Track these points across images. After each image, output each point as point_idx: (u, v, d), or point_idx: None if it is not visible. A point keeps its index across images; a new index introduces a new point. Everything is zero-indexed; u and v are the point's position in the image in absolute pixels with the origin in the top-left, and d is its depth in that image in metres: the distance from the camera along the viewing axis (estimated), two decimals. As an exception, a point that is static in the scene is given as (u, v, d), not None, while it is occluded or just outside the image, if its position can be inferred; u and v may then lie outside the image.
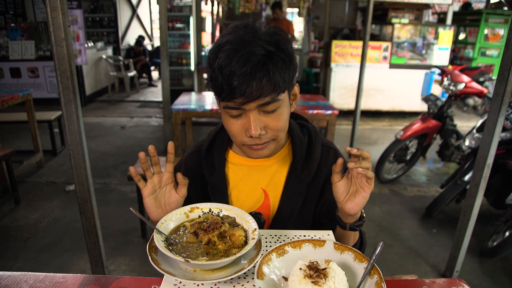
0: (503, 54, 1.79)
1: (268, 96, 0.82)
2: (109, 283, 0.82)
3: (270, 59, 0.80)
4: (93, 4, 8.56)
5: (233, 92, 0.79)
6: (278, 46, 0.82)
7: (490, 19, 7.32)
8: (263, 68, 0.79)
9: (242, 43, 0.79)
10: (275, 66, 0.80)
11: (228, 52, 0.79)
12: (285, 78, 0.83)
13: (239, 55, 0.78)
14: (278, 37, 0.84)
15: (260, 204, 1.05)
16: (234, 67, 0.78)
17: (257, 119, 0.85)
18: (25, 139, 4.63)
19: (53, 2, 1.48)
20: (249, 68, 0.77)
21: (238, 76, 0.78)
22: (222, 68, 0.79)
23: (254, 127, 0.85)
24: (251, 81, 0.78)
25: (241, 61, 0.77)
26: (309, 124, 1.09)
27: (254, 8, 7.05)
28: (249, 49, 0.78)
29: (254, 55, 0.78)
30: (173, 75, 6.79)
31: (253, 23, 0.86)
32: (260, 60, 0.78)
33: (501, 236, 2.54)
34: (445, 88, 3.60)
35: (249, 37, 0.80)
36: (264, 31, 0.84)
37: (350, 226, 0.92)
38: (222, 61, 0.79)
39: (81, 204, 1.83)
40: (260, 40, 0.81)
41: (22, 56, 6.02)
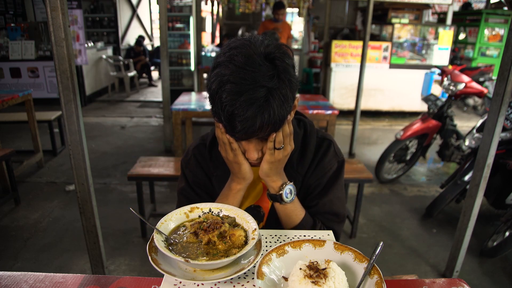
0: (503, 54, 1.79)
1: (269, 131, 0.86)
2: (109, 283, 0.82)
3: (272, 98, 0.80)
4: (93, 4, 8.55)
5: (234, 130, 0.83)
6: (279, 77, 0.81)
7: (490, 19, 7.32)
8: (266, 110, 0.80)
9: (243, 84, 0.78)
10: (276, 104, 0.81)
11: (230, 94, 0.79)
12: (286, 111, 0.85)
13: (241, 99, 0.78)
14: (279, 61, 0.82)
15: (259, 197, 1.10)
16: (237, 110, 0.79)
17: (257, 145, 0.92)
18: (25, 139, 4.63)
19: (53, 2, 1.48)
20: (251, 113, 0.79)
21: (241, 121, 0.80)
22: (224, 108, 0.80)
23: (253, 153, 0.91)
24: (253, 124, 0.80)
25: (243, 106, 0.78)
26: (306, 119, 1.12)
27: (254, 8, 7.05)
28: (251, 94, 0.78)
29: (256, 100, 0.78)
30: (173, 75, 6.79)
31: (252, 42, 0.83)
32: (262, 104, 0.79)
33: (501, 236, 2.54)
34: (445, 88, 3.60)
35: (250, 74, 0.79)
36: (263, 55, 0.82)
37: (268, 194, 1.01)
38: (224, 102, 0.80)
39: (81, 204, 1.83)
40: (260, 76, 0.79)
41: (22, 56, 6.02)
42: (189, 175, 1.10)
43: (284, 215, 1.01)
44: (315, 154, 1.06)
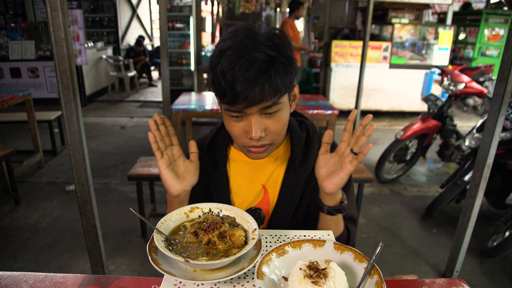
0: (503, 54, 1.79)
1: (269, 100, 0.83)
2: (109, 283, 0.82)
3: (271, 64, 0.81)
4: (93, 4, 8.55)
5: (236, 97, 0.81)
6: (278, 50, 0.83)
7: (490, 19, 7.31)
8: (265, 73, 0.80)
9: (243, 49, 0.80)
10: (276, 71, 0.81)
11: (230, 58, 0.80)
12: (286, 82, 0.84)
13: (241, 61, 0.79)
14: (278, 40, 0.85)
15: (259, 199, 1.07)
16: (237, 73, 0.79)
17: (258, 122, 0.87)
18: (25, 139, 4.63)
19: (53, 2, 1.48)
20: (251, 74, 0.78)
21: (241, 82, 0.79)
22: (224, 73, 0.80)
23: (255, 130, 0.86)
24: (253, 86, 0.79)
25: (243, 67, 0.78)
26: (308, 120, 1.11)
27: (254, 8, 7.04)
28: (251, 55, 0.79)
29: (256, 61, 0.79)
30: (173, 75, 6.79)
31: (253, 25, 0.86)
32: (262, 66, 0.80)
33: (501, 236, 2.54)
34: (445, 88, 3.60)
35: (250, 42, 0.81)
36: (264, 34, 0.84)
37: (328, 209, 0.92)
38: (224, 67, 0.80)
39: (81, 204, 1.83)
40: (261, 45, 0.81)
41: (22, 56, 6.02)
42: None
43: (335, 225, 0.97)
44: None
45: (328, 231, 0.98)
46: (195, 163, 0.94)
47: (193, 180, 0.93)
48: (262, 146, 0.91)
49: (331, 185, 0.87)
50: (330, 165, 0.89)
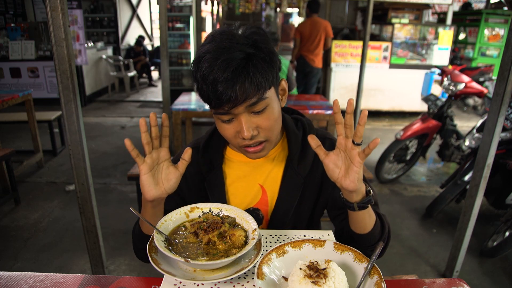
0: (503, 54, 1.79)
1: (253, 97, 0.83)
2: (109, 283, 0.82)
3: (249, 61, 0.81)
4: (93, 4, 8.55)
5: (219, 99, 0.81)
6: (257, 46, 0.83)
7: (490, 19, 7.31)
8: (244, 71, 0.80)
9: (220, 51, 0.81)
10: (255, 67, 0.82)
11: (208, 62, 0.81)
12: (267, 77, 0.84)
13: (219, 62, 0.80)
14: (257, 37, 0.85)
15: (257, 200, 1.06)
16: (216, 74, 0.79)
17: (248, 121, 0.87)
18: (25, 139, 4.63)
19: (53, 2, 1.48)
20: (229, 73, 0.79)
21: (221, 82, 0.80)
22: (205, 77, 0.81)
23: (246, 129, 0.86)
24: (234, 85, 0.80)
25: (221, 68, 0.79)
26: (304, 118, 1.10)
27: (254, 8, 7.05)
28: (228, 55, 0.80)
29: (233, 60, 0.80)
30: (173, 75, 6.79)
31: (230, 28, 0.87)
32: (239, 64, 0.80)
33: (501, 236, 2.54)
34: (445, 88, 3.60)
35: (227, 44, 0.82)
36: (242, 34, 0.85)
37: (358, 205, 0.86)
38: (204, 71, 0.81)
39: (81, 204, 1.83)
40: (238, 44, 0.82)
41: (22, 56, 6.02)
42: None
43: (369, 216, 0.91)
44: (317, 156, 1.04)
45: (328, 231, 0.98)
46: (179, 172, 0.88)
47: (171, 189, 0.87)
48: (258, 145, 0.91)
49: (351, 183, 0.82)
50: (340, 164, 0.84)
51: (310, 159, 1.03)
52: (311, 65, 5.44)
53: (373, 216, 0.93)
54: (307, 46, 5.39)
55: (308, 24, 5.39)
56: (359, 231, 0.93)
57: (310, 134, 0.86)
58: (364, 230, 0.92)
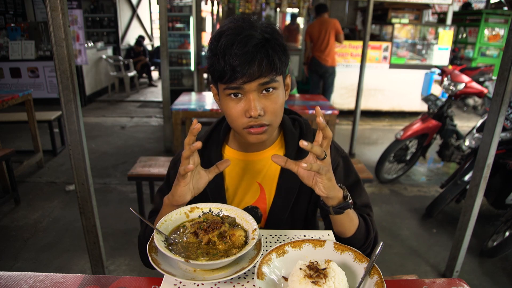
0: (503, 54, 1.79)
1: (267, 76, 0.86)
2: (109, 283, 0.82)
3: (268, 43, 0.86)
4: (93, 4, 8.55)
5: (235, 72, 0.84)
6: (273, 35, 0.88)
7: (490, 19, 7.32)
8: (263, 49, 0.84)
9: (241, 29, 0.85)
10: (273, 49, 0.86)
11: (229, 37, 0.84)
12: (282, 62, 0.88)
13: (239, 38, 0.83)
14: (273, 29, 0.90)
15: (256, 198, 1.07)
16: (236, 48, 0.83)
17: (257, 100, 0.89)
18: (25, 139, 4.63)
19: (53, 2, 1.48)
20: (250, 48, 0.83)
21: (240, 56, 0.82)
22: (224, 50, 0.84)
23: (254, 107, 0.87)
24: (252, 61, 0.83)
25: (242, 43, 0.83)
26: (301, 118, 1.11)
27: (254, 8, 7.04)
28: (249, 33, 0.84)
29: (254, 38, 0.84)
30: (173, 75, 6.78)
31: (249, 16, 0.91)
32: (259, 42, 0.84)
33: (501, 236, 2.54)
34: (445, 88, 3.60)
35: (247, 25, 0.86)
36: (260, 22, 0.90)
37: (334, 209, 0.89)
38: (224, 43, 0.84)
39: (81, 204, 1.83)
40: (257, 28, 0.87)
41: (22, 56, 6.02)
42: (172, 176, 1.08)
43: (349, 220, 0.94)
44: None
45: (328, 231, 0.98)
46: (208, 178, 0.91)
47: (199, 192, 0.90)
48: (261, 126, 0.91)
49: (319, 191, 0.85)
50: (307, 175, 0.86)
51: None
52: (325, 65, 5.48)
53: (354, 221, 0.95)
54: (318, 46, 5.44)
55: (316, 25, 5.43)
56: (341, 235, 0.96)
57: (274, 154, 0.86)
58: (345, 234, 0.96)
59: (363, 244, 0.99)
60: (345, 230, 0.95)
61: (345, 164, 1.07)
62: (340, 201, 0.89)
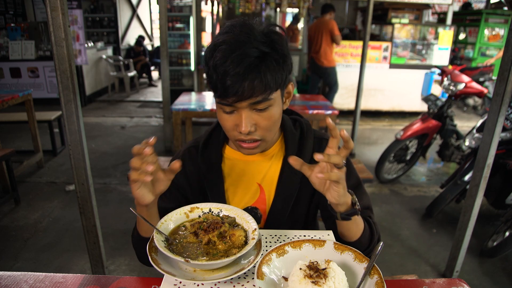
0: (503, 54, 1.79)
1: (259, 95, 0.84)
2: (109, 283, 0.82)
3: (263, 61, 0.82)
4: (93, 4, 8.55)
5: (226, 91, 0.82)
6: (273, 47, 0.84)
7: (490, 19, 7.32)
8: (255, 69, 0.81)
9: (237, 44, 0.81)
10: (267, 67, 0.82)
11: (223, 52, 0.81)
12: (277, 79, 0.85)
13: (233, 56, 0.80)
14: (275, 36, 0.86)
15: (256, 199, 1.06)
16: (228, 67, 0.80)
17: (249, 117, 0.88)
18: (25, 139, 4.63)
19: (53, 2, 1.48)
20: (242, 69, 0.80)
21: (231, 76, 0.80)
22: (216, 67, 0.82)
23: (245, 124, 0.87)
24: (243, 81, 0.80)
25: (235, 62, 0.80)
26: (302, 118, 1.11)
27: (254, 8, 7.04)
28: (243, 51, 0.80)
29: (247, 57, 0.80)
30: (173, 75, 6.78)
31: (251, 21, 0.87)
32: (253, 62, 0.81)
33: (501, 236, 2.54)
34: (445, 88, 3.60)
35: (245, 37, 0.82)
36: (261, 30, 0.86)
37: (341, 215, 0.87)
38: (217, 61, 0.82)
39: (81, 204, 1.83)
40: (255, 41, 0.82)
41: (22, 56, 6.02)
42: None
43: (355, 226, 0.92)
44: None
45: (328, 231, 0.98)
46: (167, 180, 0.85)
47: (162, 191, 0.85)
48: (253, 142, 0.92)
49: (331, 198, 0.83)
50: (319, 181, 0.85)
51: (307, 159, 1.03)
52: (321, 66, 5.50)
53: (360, 226, 0.94)
54: (313, 47, 5.48)
55: (314, 26, 5.46)
56: (346, 239, 0.95)
57: (291, 156, 0.84)
58: (350, 238, 0.95)
59: (367, 248, 0.98)
60: (350, 235, 0.94)
61: (346, 165, 1.06)
62: (349, 207, 0.88)
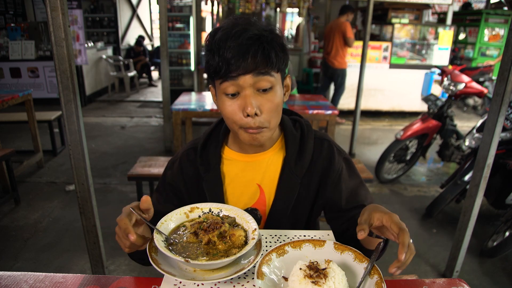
0: (503, 54, 1.79)
1: (262, 68, 0.85)
2: (109, 283, 0.82)
3: (264, 38, 0.85)
4: (93, 4, 8.55)
5: (229, 65, 0.83)
6: (271, 33, 0.87)
7: (490, 19, 7.32)
8: (257, 41, 0.83)
9: (237, 25, 0.85)
10: (269, 44, 0.85)
11: (224, 31, 0.85)
12: (279, 57, 0.87)
13: (233, 31, 0.83)
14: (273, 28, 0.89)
15: (255, 200, 1.06)
16: (230, 42, 0.83)
17: (253, 97, 0.88)
18: (25, 139, 4.63)
19: (53, 2, 1.48)
20: (244, 40, 0.82)
21: (233, 48, 0.82)
22: (218, 44, 0.84)
23: (250, 104, 0.87)
24: (246, 53, 0.82)
25: (236, 36, 0.83)
26: (302, 119, 1.11)
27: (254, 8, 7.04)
28: (244, 27, 0.84)
29: (248, 31, 0.84)
30: (173, 75, 6.78)
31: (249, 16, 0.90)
32: (253, 36, 0.83)
33: (501, 236, 2.54)
34: (445, 88, 3.60)
35: (245, 22, 0.86)
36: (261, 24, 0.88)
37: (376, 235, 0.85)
38: (218, 38, 0.84)
39: (81, 204, 1.83)
40: (254, 25, 0.86)
41: (22, 56, 6.02)
42: (169, 177, 1.09)
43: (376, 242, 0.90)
44: (315, 156, 1.04)
45: (328, 231, 0.98)
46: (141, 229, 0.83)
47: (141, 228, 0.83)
48: (257, 128, 0.90)
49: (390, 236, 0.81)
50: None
51: (307, 160, 1.03)
52: (332, 67, 5.55)
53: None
54: (326, 48, 5.55)
55: (329, 26, 5.51)
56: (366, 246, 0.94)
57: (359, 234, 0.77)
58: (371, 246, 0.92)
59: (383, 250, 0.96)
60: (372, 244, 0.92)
61: (347, 165, 1.07)
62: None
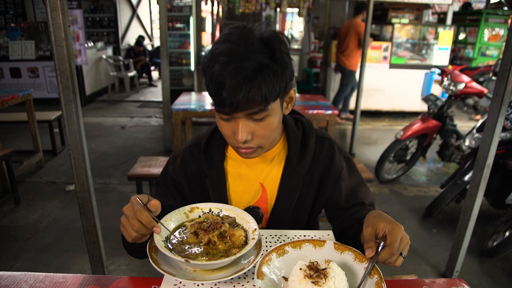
0: (503, 54, 1.79)
1: (255, 107, 0.84)
2: (109, 283, 0.82)
3: (260, 73, 0.81)
4: (93, 4, 8.55)
5: (222, 102, 0.83)
6: (272, 57, 0.83)
7: (490, 19, 7.32)
8: (251, 82, 0.80)
9: (234, 55, 0.81)
10: (263, 80, 0.81)
11: (220, 64, 0.81)
12: (275, 89, 0.84)
13: (229, 68, 0.80)
14: (276, 45, 0.84)
15: (257, 198, 1.07)
16: (224, 79, 0.80)
17: (245, 125, 0.88)
18: (25, 139, 4.63)
19: (53, 2, 1.48)
20: (237, 82, 0.80)
21: (227, 89, 0.81)
22: (213, 78, 0.82)
23: (241, 133, 0.88)
24: (238, 94, 0.80)
25: (231, 75, 0.80)
26: (304, 118, 1.11)
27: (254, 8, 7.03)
28: (240, 64, 0.80)
29: (244, 69, 0.80)
30: (173, 75, 6.78)
31: (250, 27, 0.86)
32: (249, 75, 0.80)
33: (501, 236, 2.54)
34: (445, 88, 3.60)
35: (243, 49, 0.82)
36: (260, 39, 0.84)
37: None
38: (214, 72, 0.82)
39: (81, 204, 1.83)
40: (253, 52, 0.81)
41: (22, 56, 6.02)
42: (171, 171, 1.09)
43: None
44: (316, 155, 1.05)
45: (328, 231, 0.98)
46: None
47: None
48: (250, 148, 0.93)
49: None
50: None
51: (309, 159, 1.04)
52: (342, 67, 5.61)
53: None
54: (339, 48, 5.60)
55: (344, 27, 5.56)
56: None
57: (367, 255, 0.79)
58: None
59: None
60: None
61: (348, 164, 1.08)
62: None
